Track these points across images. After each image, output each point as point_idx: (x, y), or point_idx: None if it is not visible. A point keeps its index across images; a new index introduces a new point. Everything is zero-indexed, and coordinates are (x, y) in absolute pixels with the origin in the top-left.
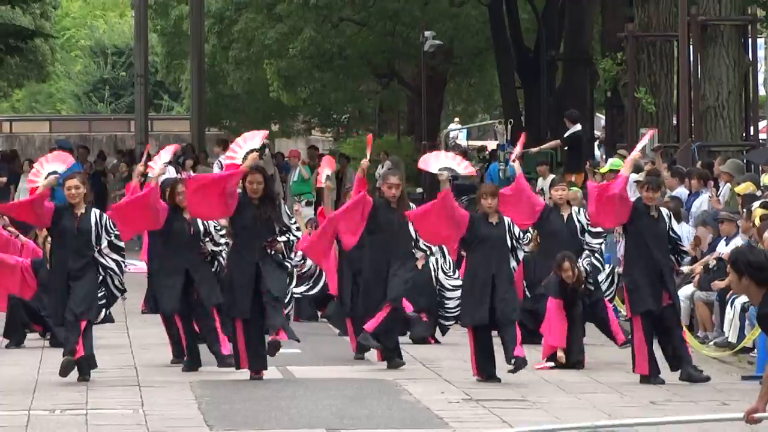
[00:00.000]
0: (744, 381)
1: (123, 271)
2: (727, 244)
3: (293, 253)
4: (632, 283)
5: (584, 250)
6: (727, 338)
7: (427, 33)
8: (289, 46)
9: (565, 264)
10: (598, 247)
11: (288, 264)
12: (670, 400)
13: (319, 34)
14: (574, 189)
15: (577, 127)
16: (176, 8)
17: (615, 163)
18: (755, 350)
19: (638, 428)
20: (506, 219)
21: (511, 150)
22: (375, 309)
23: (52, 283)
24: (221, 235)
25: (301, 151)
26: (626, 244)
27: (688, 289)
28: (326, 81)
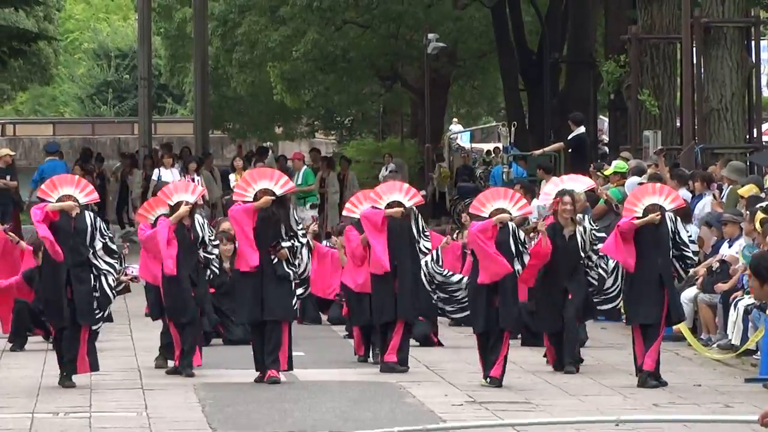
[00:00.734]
0: (747, 383)
1: (118, 271)
2: (730, 246)
3: (297, 258)
4: (628, 293)
5: (588, 265)
6: (730, 341)
7: (430, 35)
8: (292, 49)
9: (565, 198)
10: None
11: (290, 271)
12: (673, 403)
13: (322, 37)
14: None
15: (581, 129)
16: (180, 11)
17: (619, 165)
18: (758, 353)
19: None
20: (510, 224)
21: (515, 152)
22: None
23: (50, 284)
24: (215, 245)
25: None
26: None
27: (691, 292)
28: (329, 83)
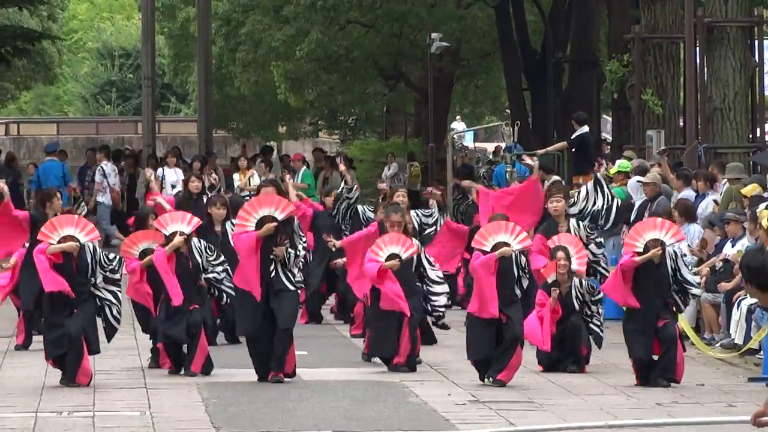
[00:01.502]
0: (750, 382)
1: (120, 300)
2: (733, 246)
3: (296, 268)
4: (626, 326)
5: (587, 314)
6: (733, 340)
7: (434, 35)
8: (296, 49)
9: (559, 254)
10: (601, 256)
11: (293, 286)
12: (677, 402)
13: (326, 36)
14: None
15: (585, 128)
16: (183, 10)
17: (622, 164)
18: (761, 352)
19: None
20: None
21: (518, 152)
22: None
23: (51, 316)
24: (217, 263)
25: (306, 153)
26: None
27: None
28: (333, 83)
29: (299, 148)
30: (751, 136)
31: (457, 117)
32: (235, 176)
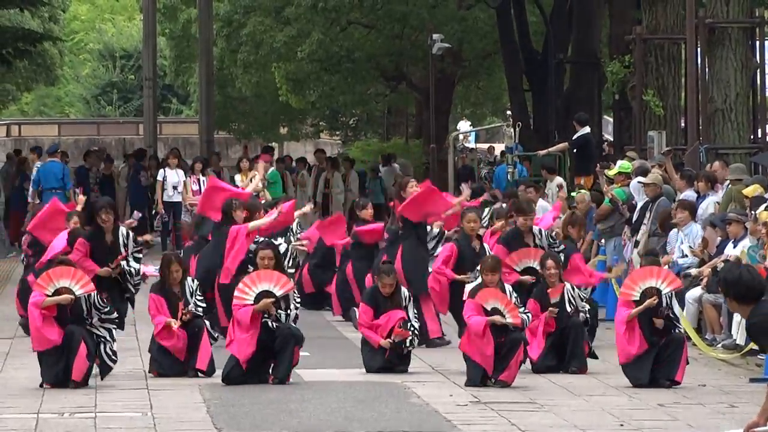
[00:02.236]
0: (752, 383)
1: (114, 339)
2: (734, 246)
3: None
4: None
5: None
6: (735, 340)
7: (435, 36)
8: (297, 50)
9: (549, 262)
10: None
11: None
12: (679, 403)
13: (327, 37)
14: (583, 192)
15: (586, 129)
16: (185, 12)
17: (623, 165)
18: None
19: None
20: (507, 286)
21: (519, 153)
22: None
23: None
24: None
25: (307, 154)
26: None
27: (696, 292)
28: (334, 84)
29: (300, 149)
30: (752, 137)
31: (463, 118)
32: (237, 177)
